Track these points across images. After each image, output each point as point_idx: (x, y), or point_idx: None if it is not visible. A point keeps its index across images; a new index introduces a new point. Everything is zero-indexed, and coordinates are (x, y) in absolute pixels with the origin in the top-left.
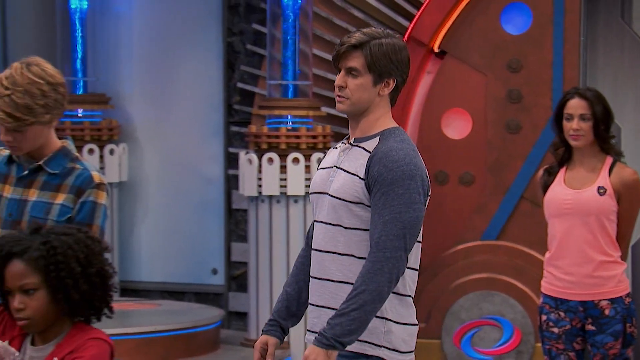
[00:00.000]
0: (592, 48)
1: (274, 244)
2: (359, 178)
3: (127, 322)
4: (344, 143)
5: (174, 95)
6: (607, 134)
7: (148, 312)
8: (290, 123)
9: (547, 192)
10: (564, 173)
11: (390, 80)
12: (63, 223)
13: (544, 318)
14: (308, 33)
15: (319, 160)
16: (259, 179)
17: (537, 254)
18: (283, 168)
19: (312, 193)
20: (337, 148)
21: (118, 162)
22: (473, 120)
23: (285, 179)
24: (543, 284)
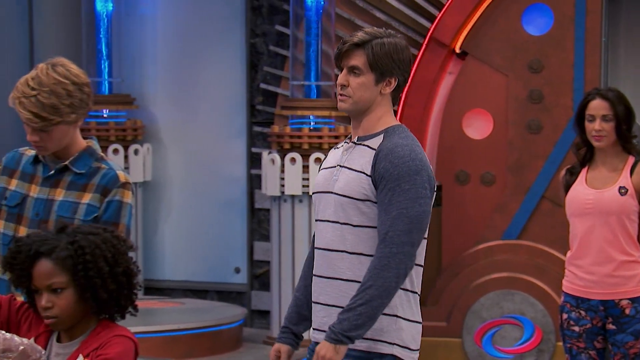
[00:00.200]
0: (613, 48)
1: (296, 243)
2: (365, 175)
3: (150, 320)
4: (347, 142)
5: (198, 96)
6: (629, 134)
7: (171, 310)
8: (313, 123)
9: (568, 191)
10: (586, 173)
11: (392, 79)
12: (90, 222)
13: (565, 317)
14: (330, 34)
15: (318, 160)
16: (282, 179)
17: (557, 253)
18: (305, 168)
19: (315, 193)
20: (338, 148)
21: (142, 162)
22: (494, 121)
23: (308, 179)
24: (564, 283)
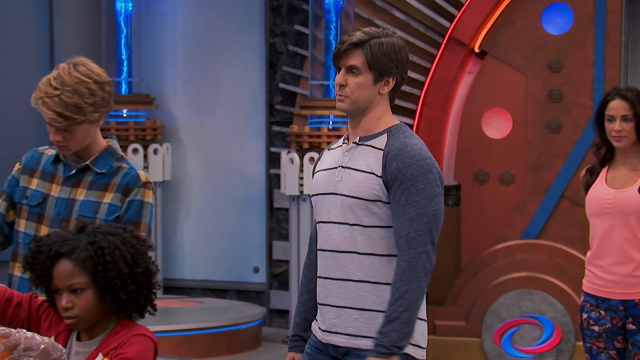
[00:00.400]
0: (633, 47)
1: None
2: (376, 176)
3: (170, 319)
4: (345, 143)
5: (217, 96)
6: None
7: (190, 309)
8: (332, 123)
9: (588, 191)
10: (606, 173)
11: (390, 79)
12: (111, 222)
13: (585, 316)
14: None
15: (311, 161)
16: (301, 178)
17: (577, 253)
18: None
19: (314, 195)
20: (333, 149)
21: (162, 161)
22: (513, 120)
23: None
24: (584, 283)
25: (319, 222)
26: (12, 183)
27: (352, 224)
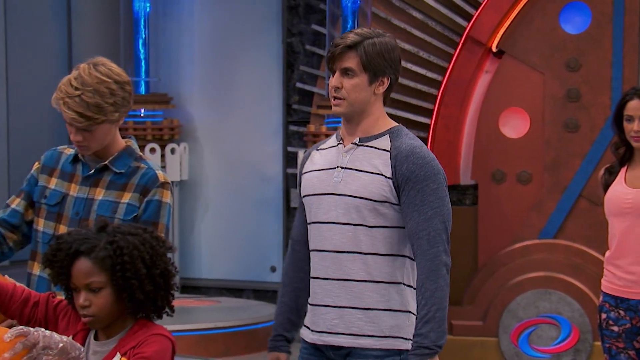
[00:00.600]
0: None
1: None
2: (385, 177)
3: (187, 318)
4: (341, 144)
5: (234, 95)
6: None
7: (208, 308)
8: None
9: (607, 191)
10: (625, 172)
11: (385, 79)
12: (129, 222)
13: (604, 316)
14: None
15: (300, 162)
16: None
17: (594, 252)
18: None
19: (309, 195)
20: (322, 150)
21: (179, 161)
22: (531, 119)
23: None
24: (603, 283)
25: (314, 222)
26: (31, 182)
27: (355, 225)
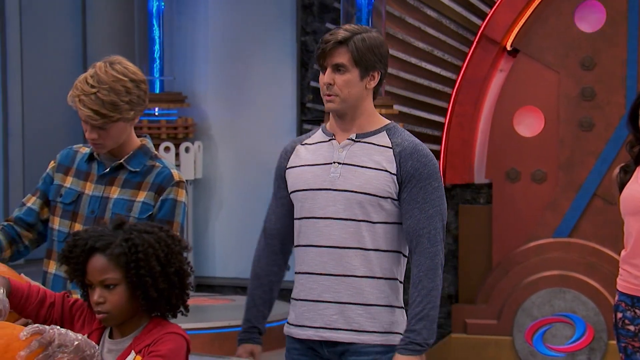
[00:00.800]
0: None
1: None
2: (389, 173)
3: (201, 317)
4: (332, 139)
5: (248, 94)
6: None
7: (222, 307)
8: None
9: (623, 190)
10: None
11: (375, 73)
12: (145, 220)
13: (620, 316)
14: (381, 32)
15: (281, 155)
16: None
17: (609, 251)
18: None
19: (302, 190)
20: (308, 145)
21: (193, 159)
22: (545, 118)
23: None
24: (619, 282)
25: (309, 217)
26: (46, 181)
27: (359, 220)
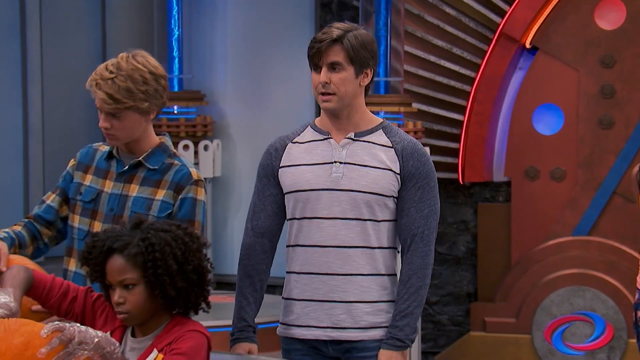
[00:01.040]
0: None
1: None
2: (394, 172)
3: (220, 314)
4: (328, 138)
5: (267, 92)
6: None
7: None
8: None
9: None
10: None
11: (369, 71)
12: (164, 219)
13: None
14: (399, 30)
15: (270, 153)
16: None
17: (629, 249)
18: None
19: (303, 190)
20: (299, 143)
21: (212, 157)
22: (565, 116)
23: None
24: (638, 280)
25: (311, 217)
26: (66, 179)
27: (365, 219)
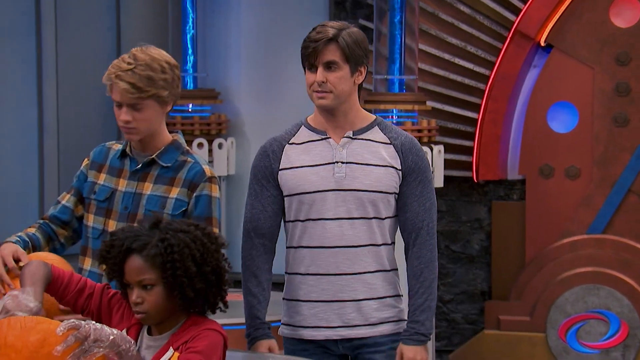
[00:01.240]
0: None
1: None
2: (395, 169)
3: (234, 312)
4: (325, 138)
5: (281, 90)
6: None
7: None
8: (396, 117)
9: None
10: None
11: (363, 69)
12: (178, 217)
13: None
14: (414, 28)
15: (267, 155)
16: None
17: None
18: None
19: (308, 192)
20: (295, 144)
21: (226, 155)
22: (579, 114)
23: None
24: None
25: (317, 219)
26: (80, 178)
27: (371, 218)
